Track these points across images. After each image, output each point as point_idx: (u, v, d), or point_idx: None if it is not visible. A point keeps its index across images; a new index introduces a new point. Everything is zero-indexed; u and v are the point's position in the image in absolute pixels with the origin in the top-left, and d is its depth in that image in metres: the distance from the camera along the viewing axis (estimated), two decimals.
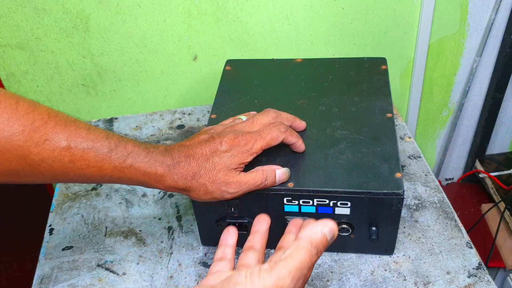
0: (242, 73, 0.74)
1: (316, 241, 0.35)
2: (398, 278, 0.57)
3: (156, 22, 0.85)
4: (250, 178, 0.52)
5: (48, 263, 0.63)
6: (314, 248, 0.35)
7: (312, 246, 0.35)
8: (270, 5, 0.86)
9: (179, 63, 0.91)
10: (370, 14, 0.91)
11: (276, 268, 0.33)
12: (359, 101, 0.65)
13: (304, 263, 0.34)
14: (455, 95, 1.10)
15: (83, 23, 0.83)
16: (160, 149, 0.50)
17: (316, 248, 0.35)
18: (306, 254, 0.34)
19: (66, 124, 0.46)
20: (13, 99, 0.44)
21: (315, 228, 0.36)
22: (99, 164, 0.47)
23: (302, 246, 0.35)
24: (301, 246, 0.35)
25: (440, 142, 1.19)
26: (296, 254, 0.34)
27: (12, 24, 0.81)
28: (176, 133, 0.83)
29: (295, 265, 0.34)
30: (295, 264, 0.34)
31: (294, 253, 0.34)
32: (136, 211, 0.69)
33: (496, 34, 1.00)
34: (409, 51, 0.99)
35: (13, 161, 0.44)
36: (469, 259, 0.59)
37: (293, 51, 0.94)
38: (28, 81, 0.88)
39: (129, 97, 0.95)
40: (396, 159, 0.56)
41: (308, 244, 0.35)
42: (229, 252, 0.43)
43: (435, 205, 0.66)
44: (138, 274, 0.61)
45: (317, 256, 0.35)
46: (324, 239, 0.36)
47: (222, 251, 0.43)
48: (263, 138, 0.53)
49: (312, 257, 0.35)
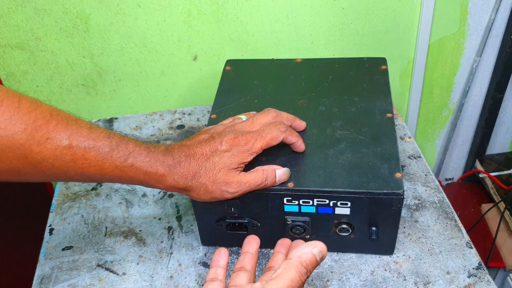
0: (242, 73, 0.74)
1: (306, 261, 0.37)
2: (398, 278, 0.57)
3: (156, 22, 0.85)
4: (250, 178, 0.52)
5: (48, 263, 0.63)
6: (304, 268, 0.36)
7: (302, 265, 0.36)
8: (270, 5, 0.87)
9: (179, 63, 0.91)
10: (370, 14, 0.91)
11: (268, 287, 0.35)
12: (359, 101, 0.65)
13: (294, 282, 0.35)
14: (455, 95, 1.10)
15: (83, 23, 0.83)
16: (161, 149, 0.50)
17: (306, 267, 0.37)
18: (296, 273, 0.36)
19: (67, 123, 0.46)
20: (15, 97, 0.44)
21: (305, 249, 0.37)
22: (100, 163, 0.47)
23: (292, 265, 0.36)
24: (291, 265, 0.36)
25: (440, 142, 1.19)
26: (286, 273, 0.36)
27: (12, 24, 0.81)
28: (176, 133, 0.83)
29: (286, 283, 0.35)
30: (286, 283, 0.35)
31: (285, 272, 0.36)
32: (136, 211, 0.69)
33: (496, 34, 1.00)
34: (409, 51, 0.99)
35: (14, 159, 0.44)
36: (469, 259, 0.59)
37: (293, 51, 0.94)
38: (28, 81, 0.88)
39: (129, 97, 0.95)
40: (396, 159, 0.56)
41: (298, 264, 0.36)
42: (221, 273, 0.44)
43: (435, 205, 0.66)
44: (138, 274, 0.61)
45: (307, 275, 0.37)
46: (314, 259, 0.37)
47: (213, 272, 0.44)
48: (263, 137, 0.53)
49: (302, 276, 0.36)
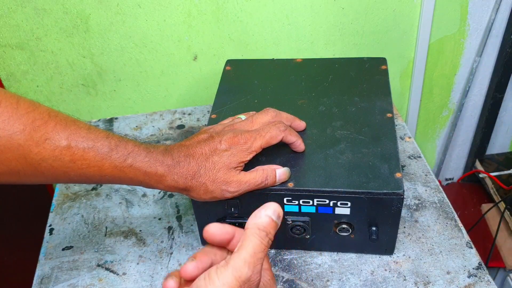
0: (242, 73, 0.74)
1: (263, 224, 0.36)
2: (398, 278, 0.57)
3: (156, 22, 0.85)
4: (250, 178, 0.52)
5: (48, 263, 0.63)
6: (263, 231, 0.36)
7: (260, 230, 0.36)
8: (270, 5, 0.87)
9: (179, 63, 0.91)
10: (370, 14, 0.91)
11: (231, 261, 0.34)
12: (359, 101, 0.65)
13: (257, 247, 0.35)
14: (455, 95, 1.10)
15: (83, 23, 0.83)
16: (160, 149, 0.50)
17: (265, 230, 0.36)
18: (256, 239, 0.35)
19: (66, 123, 0.46)
20: (13, 98, 0.44)
21: (259, 214, 0.37)
22: (99, 163, 0.47)
23: (250, 233, 0.35)
24: (249, 233, 0.35)
25: (440, 142, 1.19)
26: (247, 242, 0.35)
27: (12, 24, 0.81)
28: (176, 133, 0.83)
29: (249, 252, 0.34)
30: (249, 251, 0.34)
31: (245, 242, 0.35)
32: (136, 211, 0.69)
33: (496, 34, 1.00)
34: (409, 51, 0.99)
35: (13, 160, 0.44)
36: (469, 259, 0.59)
37: (293, 51, 0.94)
38: (28, 81, 0.88)
39: (129, 97, 0.95)
40: (396, 159, 0.56)
41: (256, 230, 0.36)
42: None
43: (435, 205, 0.66)
44: (138, 274, 0.61)
45: (268, 237, 0.36)
46: (270, 220, 0.37)
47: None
48: (262, 136, 0.53)
49: (263, 240, 0.35)
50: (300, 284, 0.58)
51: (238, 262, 0.34)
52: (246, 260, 0.34)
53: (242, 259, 0.34)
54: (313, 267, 0.60)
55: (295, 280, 0.58)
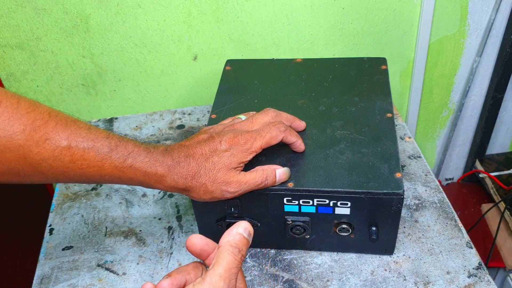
0: (242, 73, 0.74)
1: (235, 241, 0.38)
2: (398, 278, 0.57)
3: (156, 22, 0.85)
4: (250, 178, 0.52)
5: (48, 263, 0.63)
6: (235, 248, 0.38)
7: (232, 247, 0.38)
8: (270, 5, 0.87)
9: (179, 63, 0.91)
10: (370, 14, 0.91)
11: (207, 278, 0.36)
12: (359, 101, 0.65)
13: (231, 263, 0.37)
14: (455, 95, 1.10)
15: (83, 23, 0.83)
16: (160, 149, 0.50)
17: (237, 247, 0.38)
18: (230, 256, 0.37)
19: (66, 123, 0.46)
20: (14, 98, 0.44)
21: (231, 232, 0.39)
22: (99, 163, 0.47)
23: (224, 250, 0.38)
24: (223, 250, 0.38)
25: (440, 142, 1.19)
26: (221, 259, 0.37)
27: (12, 24, 0.81)
28: (176, 133, 0.83)
29: (223, 267, 0.37)
30: (223, 267, 0.37)
31: (219, 259, 0.37)
32: (136, 211, 0.69)
33: (496, 34, 1.00)
34: (409, 51, 0.99)
35: (13, 160, 0.44)
36: (469, 259, 0.59)
37: (293, 51, 0.94)
38: (28, 81, 0.88)
39: (129, 97, 0.95)
40: (396, 159, 0.56)
41: (228, 247, 0.38)
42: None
43: (435, 205, 0.66)
44: (138, 274, 0.61)
45: (241, 253, 0.38)
46: (242, 237, 0.39)
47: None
48: (262, 137, 0.53)
49: (236, 256, 0.38)
50: (300, 284, 0.58)
51: (214, 277, 0.36)
52: (221, 275, 0.36)
53: (218, 274, 0.36)
54: (313, 267, 0.60)
55: (295, 280, 0.58)
